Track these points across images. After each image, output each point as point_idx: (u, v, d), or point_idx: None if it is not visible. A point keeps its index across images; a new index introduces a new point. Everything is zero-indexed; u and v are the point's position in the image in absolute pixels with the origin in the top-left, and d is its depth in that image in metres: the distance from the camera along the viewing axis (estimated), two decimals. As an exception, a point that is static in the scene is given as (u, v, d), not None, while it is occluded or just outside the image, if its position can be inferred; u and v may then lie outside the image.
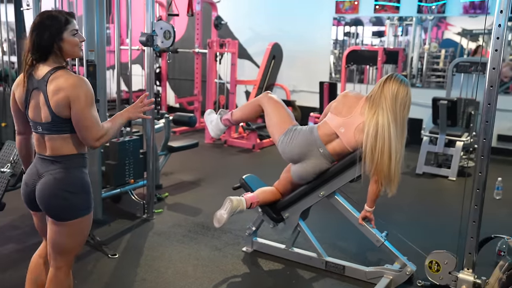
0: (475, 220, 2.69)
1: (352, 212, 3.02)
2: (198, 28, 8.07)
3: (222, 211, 2.97)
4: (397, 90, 2.68)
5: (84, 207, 2.05)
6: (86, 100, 1.93)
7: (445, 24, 7.25)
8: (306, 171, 2.90)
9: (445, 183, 5.49)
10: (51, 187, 1.98)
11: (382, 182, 2.71)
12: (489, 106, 2.57)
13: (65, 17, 2.00)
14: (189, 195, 4.73)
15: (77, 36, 2.02)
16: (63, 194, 1.98)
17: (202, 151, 6.63)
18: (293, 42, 8.36)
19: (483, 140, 2.60)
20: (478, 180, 2.65)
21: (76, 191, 2.01)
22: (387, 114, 2.66)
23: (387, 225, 3.35)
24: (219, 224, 2.95)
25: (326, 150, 2.83)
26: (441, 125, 5.58)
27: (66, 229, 2.03)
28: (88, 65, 3.58)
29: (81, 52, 2.09)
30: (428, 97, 5.77)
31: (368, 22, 7.84)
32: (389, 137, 2.64)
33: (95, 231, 3.62)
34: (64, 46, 1.98)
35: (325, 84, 6.26)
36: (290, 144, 2.88)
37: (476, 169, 2.66)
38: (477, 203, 2.67)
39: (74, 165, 2.02)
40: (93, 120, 1.95)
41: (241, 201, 2.99)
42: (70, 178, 2.00)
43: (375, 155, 2.65)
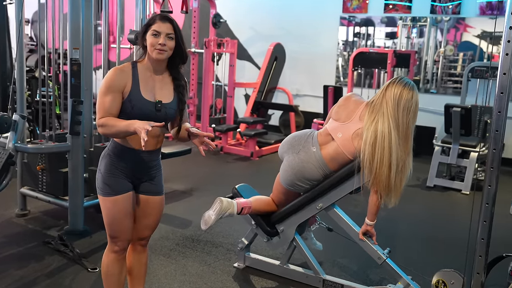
0: (483, 237, 2.68)
1: (352, 226, 3.01)
2: (194, 27, 8.10)
3: (211, 211, 2.98)
4: (400, 94, 2.69)
5: (97, 185, 2.40)
6: (102, 86, 2.27)
7: (463, 25, 7.26)
8: (290, 167, 2.90)
9: (457, 197, 5.48)
10: None
11: (382, 193, 2.71)
12: (499, 114, 2.56)
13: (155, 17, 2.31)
14: (179, 206, 4.73)
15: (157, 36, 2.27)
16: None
17: (195, 158, 6.63)
18: (296, 42, 8.40)
19: (493, 150, 2.60)
20: (487, 193, 2.64)
21: (98, 168, 2.41)
22: (388, 121, 2.67)
23: (391, 240, 3.34)
24: (205, 226, 2.96)
25: (319, 151, 2.85)
26: (454, 134, 5.58)
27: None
28: (72, 64, 3.61)
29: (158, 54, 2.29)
30: (443, 104, 5.79)
31: (380, 23, 7.87)
32: (389, 146, 2.65)
33: (74, 243, 3.62)
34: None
35: (330, 88, 6.27)
36: (289, 136, 3.01)
37: (485, 181, 2.65)
38: (486, 218, 2.66)
39: (108, 146, 2.42)
40: (98, 106, 2.27)
41: (232, 204, 3.00)
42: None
43: (373, 164, 2.65)
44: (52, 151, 3.85)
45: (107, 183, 2.35)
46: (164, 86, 2.37)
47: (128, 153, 2.35)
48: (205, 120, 7.39)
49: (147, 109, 2.28)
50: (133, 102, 2.26)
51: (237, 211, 3.02)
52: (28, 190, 4.20)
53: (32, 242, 3.70)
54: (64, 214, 4.01)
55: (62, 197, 4.00)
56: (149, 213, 2.51)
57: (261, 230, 3.21)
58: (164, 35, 2.26)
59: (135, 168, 2.38)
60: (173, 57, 2.35)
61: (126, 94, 2.26)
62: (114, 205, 2.37)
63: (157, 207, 2.54)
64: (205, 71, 7.47)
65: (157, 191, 2.51)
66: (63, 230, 3.91)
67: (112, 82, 2.25)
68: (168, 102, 2.35)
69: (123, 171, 2.36)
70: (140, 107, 2.27)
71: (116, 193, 2.36)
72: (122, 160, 2.35)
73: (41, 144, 3.82)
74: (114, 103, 2.26)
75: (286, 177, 2.97)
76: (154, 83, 2.34)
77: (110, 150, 2.37)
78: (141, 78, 2.30)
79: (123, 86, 2.26)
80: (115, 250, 2.48)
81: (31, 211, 4.30)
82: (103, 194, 2.37)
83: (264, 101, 8.03)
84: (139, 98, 2.27)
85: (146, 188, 2.46)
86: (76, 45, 3.59)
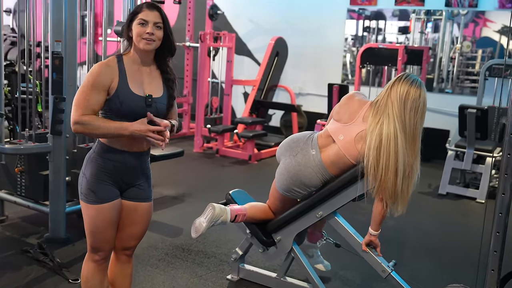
0: (496, 250, 2.68)
1: (354, 236, 3.01)
2: (189, 19, 8.13)
3: (202, 218, 2.99)
4: (407, 93, 2.69)
5: (79, 191, 2.38)
6: (86, 81, 2.26)
7: (483, 19, 7.26)
8: (286, 170, 2.90)
9: (472, 206, 5.49)
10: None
11: (387, 201, 2.71)
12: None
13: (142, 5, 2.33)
14: (169, 212, 4.74)
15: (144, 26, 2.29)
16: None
17: (189, 161, 6.67)
18: (300, 37, 8.41)
19: (507, 155, 2.60)
20: (501, 202, 2.64)
21: (81, 171, 2.40)
22: (393, 122, 2.67)
23: (398, 252, 3.34)
24: (196, 234, 2.97)
25: (319, 154, 2.85)
26: (469, 138, 5.59)
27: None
28: (54, 58, 3.62)
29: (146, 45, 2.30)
30: (458, 104, 5.79)
31: (391, 16, 7.88)
32: (395, 150, 2.65)
33: (55, 252, 3.63)
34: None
35: (335, 87, 6.28)
36: (287, 138, 3.01)
37: (499, 189, 2.65)
38: (500, 229, 2.66)
39: (93, 147, 2.40)
40: (78, 101, 2.25)
41: (225, 211, 3.00)
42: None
43: (378, 171, 2.65)
44: (31, 152, 3.86)
45: (92, 190, 2.33)
46: (153, 80, 2.38)
47: (117, 155, 2.34)
48: (200, 120, 7.40)
49: (136, 105, 2.29)
50: (121, 98, 2.26)
51: (230, 219, 3.02)
52: (6, 194, 4.21)
53: (9, 251, 3.71)
54: (44, 220, 4.02)
55: (42, 202, 4.01)
56: (136, 221, 2.50)
57: (257, 240, 3.22)
58: (152, 24, 2.27)
59: (124, 172, 2.38)
60: (161, 48, 2.36)
61: (113, 90, 2.26)
62: (98, 213, 2.36)
63: (145, 215, 2.54)
64: (200, 67, 7.48)
65: (145, 196, 2.51)
66: (43, 237, 3.91)
67: (98, 78, 2.24)
68: (158, 97, 2.37)
69: (110, 175, 2.35)
70: (129, 103, 2.27)
71: (102, 201, 2.35)
72: (110, 163, 2.34)
73: (20, 145, 3.84)
74: (97, 100, 2.25)
75: (282, 182, 2.97)
76: (142, 76, 2.35)
77: (96, 153, 2.36)
78: (128, 72, 2.31)
79: (109, 82, 2.26)
80: (96, 260, 2.49)
81: (9, 216, 4.31)
82: (87, 201, 2.36)
83: (264, 100, 8.04)
84: (127, 93, 2.27)
85: (134, 194, 2.46)
86: (58, 38, 3.60)
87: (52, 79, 3.62)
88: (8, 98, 5.51)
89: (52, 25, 3.63)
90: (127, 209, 2.46)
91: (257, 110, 7.91)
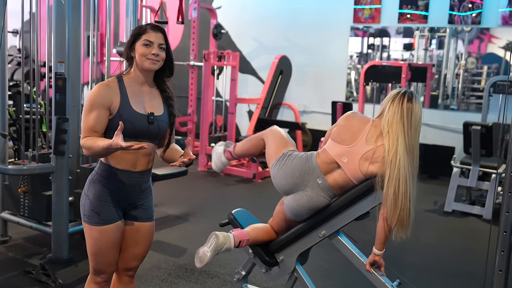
0: (501, 269, 2.65)
1: (357, 256, 2.98)
2: (194, 38, 8.17)
3: (206, 248, 2.95)
4: (408, 109, 2.69)
5: (82, 213, 2.39)
6: (86, 103, 2.29)
7: (488, 36, 7.28)
8: (299, 206, 2.88)
9: (478, 224, 5.44)
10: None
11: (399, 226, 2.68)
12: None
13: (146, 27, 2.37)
14: (173, 232, 4.72)
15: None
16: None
17: (193, 180, 6.66)
18: (303, 55, 8.44)
19: (510, 173, 2.58)
20: (505, 220, 2.62)
21: (83, 193, 2.40)
22: (405, 142, 2.65)
23: (403, 271, 3.30)
24: (201, 264, 2.93)
25: (325, 181, 2.82)
26: (474, 155, 5.56)
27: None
28: (57, 79, 3.64)
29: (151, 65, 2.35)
30: (463, 121, 5.78)
31: (396, 34, 7.90)
32: (408, 176, 2.64)
33: (58, 272, 3.62)
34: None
35: (338, 104, 6.28)
36: (282, 169, 2.88)
37: (503, 207, 2.63)
38: (504, 248, 2.63)
39: (95, 168, 2.40)
40: (82, 125, 2.30)
41: (229, 238, 2.97)
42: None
43: (398, 201, 2.62)
44: (34, 173, 3.87)
45: (95, 211, 2.34)
46: (154, 99, 2.41)
47: (120, 175, 2.35)
48: (204, 138, 7.41)
49: (139, 123, 2.31)
50: (124, 117, 2.27)
51: (234, 245, 3.00)
52: (9, 214, 4.21)
53: (11, 272, 3.70)
54: (47, 240, 4.01)
55: (45, 222, 4.00)
56: (138, 242, 2.50)
57: (259, 260, 3.18)
58: (157, 45, 2.32)
59: (127, 192, 2.38)
60: (162, 69, 2.40)
61: (115, 109, 2.28)
62: (101, 235, 2.36)
63: (148, 235, 2.54)
64: (204, 86, 7.51)
65: (148, 216, 2.51)
66: (45, 258, 3.90)
67: (97, 98, 2.26)
68: (159, 115, 2.39)
69: (114, 196, 2.35)
70: (131, 121, 2.28)
71: (105, 222, 2.35)
72: (114, 183, 2.35)
73: (23, 165, 3.85)
74: (99, 120, 2.27)
75: (294, 213, 2.93)
76: (143, 96, 2.38)
77: (99, 174, 2.36)
78: (129, 92, 2.34)
79: (110, 102, 2.28)
80: (98, 282, 2.48)
81: (12, 237, 4.30)
82: (90, 223, 2.36)
83: (268, 118, 8.05)
84: (130, 112, 2.29)
85: (137, 213, 2.46)
86: (62, 58, 3.63)
87: (55, 100, 3.64)
88: (13, 118, 5.55)
89: (55, 46, 3.66)
90: (130, 230, 2.47)
91: (261, 128, 7.89)
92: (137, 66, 2.36)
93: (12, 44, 9.18)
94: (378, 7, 7.87)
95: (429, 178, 7.21)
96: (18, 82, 6.75)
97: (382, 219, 2.76)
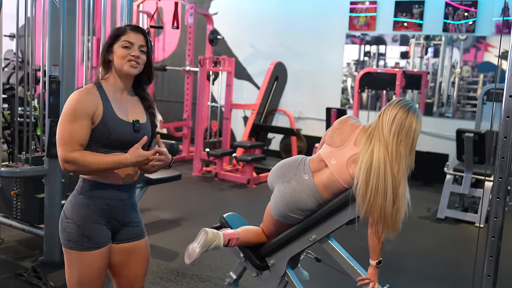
0: (490, 274, 2.66)
1: (347, 260, 2.98)
2: (190, 43, 8.21)
3: (195, 244, 2.96)
4: (395, 116, 2.70)
5: (65, 238, 2.15)
6: (66, 112, 2.07)
7: (484, 44, 7.32)
8: (282, 198, 2.89)
9: (470, 231, 5.45)
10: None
11: (377, 225, 2.69)
12: (505, 140, 2.57)
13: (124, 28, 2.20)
14: (166, 236, 4.72)
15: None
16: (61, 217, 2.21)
17: (187, 185, 6.66)
18: (299, 61, 8.47)
19: (498, 179, 2.60)
20: (493, 226, 2.63)
21: (63, 217, 2.18)
22: (383, 146, 2.68)
23: (394, 277, 3.31)
24: (189, 260, 2.94)
25: (312, 179, 2.84)
26: (467, 162, 5.58)
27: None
28: (51, 82, 3.65)
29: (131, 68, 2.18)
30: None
31: (392, 41, 7.94)
32: (384, 173, 2.65)
33: (49, 275, 3.62)
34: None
35: (333, 111, 6.31)
36: (277, 164, 2.98)
37: (491, 213, 2.64)
38: (492, 253, 2.64)
39: (77, 188, 2.20)
40: (63, 137, 2.06)
41: (218, 235, 2.98)
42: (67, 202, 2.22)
43: (367, 193, 2.64)
44: (27, 175, 3.87)
45: (86, 235, 2.12)
46: (135, 106, 2.26)
47: (108, 191, 2.16)
48: (199, 144, 7.42)
49: (125, 131, 2.14)
50: (109, 126, 2.10)
51: (223, 243, 3.00)
52: (2, 217, 4.21)
53: (2, 274, 3.70)
54: (39, 243, 4.01)
55: (37, 225, 4.00)
56: (137, 262, 2.32)
57: (250, 264, 3.19)
58: (137, 47, 2.16)
59: (118, 208, 2.20)
60: (140, 74, 2.23)
61: (98, 118, 2.09)
62: (95, 260, 2.15)
63: (145, 252, 2.37)
64: (199, 91, 7.53)
65: (141, 233, 2.34)
66: (37, 261, 3.90)
67: (80, 107, 2.06)
68: (143, 122, 2.24)
69: (104, 215, 2.16)
70: (118, 130, 2.12)
71: (98, 245, 2.15)
72: (102, 201, 2.15)
73: (16, 168, 3.85)
74: (83, 131, 2.07)
75: (278, 209, 2.96)
76: (124, 103, 2.21)
77: (84, 194, 2.15)
78: (111, 99, 2.16)
79: (93, 111, 2.08)
80: None
81: (4, 240, 4.30)
82: (79, 249, 2.12)
83: (263, 124, 8.07)
84: (115, 121, 2.12)
85: (129, 233, 2.28)
86: (56, 62, 3.64)
87: (49, 103, 3.66)
88: (8, 122, 5.55)
89: (49, 49, 3.67)
90: (125, 253, 2.27)
91: (256, 134, 7.93)
92: (116, 71, 2.18)
93: (9, 48, 9.18)
94: (374, 15, 7.91)
95: (423, 185, 7.22)
96: (13, 86, 6.76)
97: (369, 226, 2.78)
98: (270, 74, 7.92)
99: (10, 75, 8.56)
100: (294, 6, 8.52)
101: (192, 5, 7.81)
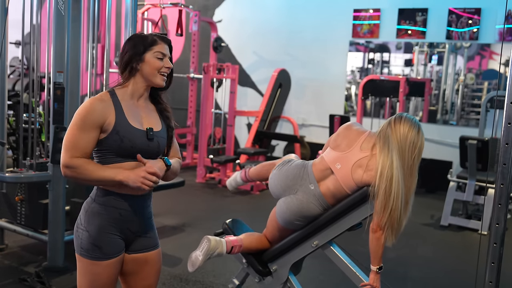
0: (492, 280, 2.66)
1: (350, 266, 2.99)
2: (194, 51, 8.24)
3: (198, 252, 2.97)
4: (407, 132, 2.72)
5: (78, 245, 2.15)
6: (76, 119, 2.05)
7: (489, 52, 7.33)
8: (289, 210, 2.89)
9: (474, 238, 5.44)
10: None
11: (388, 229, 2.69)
12: (507, 146, 2.58)
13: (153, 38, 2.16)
14: (169, 242, 4.73)
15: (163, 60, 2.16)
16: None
17: (191, 191, 6.68)
18: (303, 69, 8.50)
19: (500, 185, 2.61)
20: (495, 232, 2.63)
21: (79, 223, 2.18)
22: (397, 158, 2.69)
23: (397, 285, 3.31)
24: (193, 268, 2.95)
25: (318, 188, 2.84)
26: (470, 169, 5.58)
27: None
28: (56, 88, 3.68)
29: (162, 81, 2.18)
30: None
31: (396, 49, 7.96)
32: (402, 183, 2.67)
33: (53, 281, 3.63)
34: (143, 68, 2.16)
35: (336, 118, 6.32)
36: (278, 172, 2.94)
37: (493, 219, 2.65)
38: (494, 260, 2.64)
39: (91, 195, 2.19)
40: (66, 143, 2.05)
41: (221, 243, 2.99)
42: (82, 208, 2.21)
43: (390, 200, 2.65)
44: (31, 181, 3.89)
45: (96, 244, 2.10)
46: (150, 114, 2.21)
47: (122, 201, 2.12)
48: (203, 151, 7.44)
49: (138, 140, 2.10)
50: (121, 134, 2.06)
51: (226, 250, 3.01)
52: (6, 222, 4.23)
53: (6, 279, 3.71)
54: (43, 249, 4.02)
55: (41, 230, 4.02)
56: (149, 273, 2.29)
57: (253, 269, 3.20)
58: (167, 58, 2.16)
59: (131, 219, 2.16)
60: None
61: (110, 126, 2.06)
62: (104, 270, 2.13)
63: (157, 263, 2.32)
64: (203, 98, 7.56)
65: (155, 244, 2.31)
66: (41, 266, 3.91)
67: (91, 116, 2.03)
68: (158, 130, 2.19)
69: (117, 226, 2.13)
70: (130, 139, 2.07)
71: (109, 256, 2.13)
72: (116, 211, 2.12)
73: (20, 173, 3.87)
74: (90, 140, 2.05)
75: (284, 218, 2.96)
76: (139, 110, 2.17)
77: (98, 203, 2.13)
78: (124, 106, 2.11)
79: (104, 120, 2.05)
80: None
81: (8, 245, 4.32)
82: (90, 257, 2.11)
83: (267, 131, 8.09)
84: (128, 129, 2.08)
85: (143, 243, 2.25)
86: (60, 68, 3.67)
87: (54, 109, 3.68)
88: (13, 128, 5.60)
89: (54, 56, 3.71)
90: (137, 263, 2.24)
91: (260, 140, 7.95)
92: (142, 79, 2.15)
93: (14, 55, 9.25)
94: (377, 23, 7.93)
95: (426, 192, 7.22)
96: (18, 92, 6.81)
97: (371, 231, 2.77)
98: (274, 81, 7.95)
99: (16, 82, 8.61)
100: (298, 14, 8.57)
101: (196, 13, 7.86)
